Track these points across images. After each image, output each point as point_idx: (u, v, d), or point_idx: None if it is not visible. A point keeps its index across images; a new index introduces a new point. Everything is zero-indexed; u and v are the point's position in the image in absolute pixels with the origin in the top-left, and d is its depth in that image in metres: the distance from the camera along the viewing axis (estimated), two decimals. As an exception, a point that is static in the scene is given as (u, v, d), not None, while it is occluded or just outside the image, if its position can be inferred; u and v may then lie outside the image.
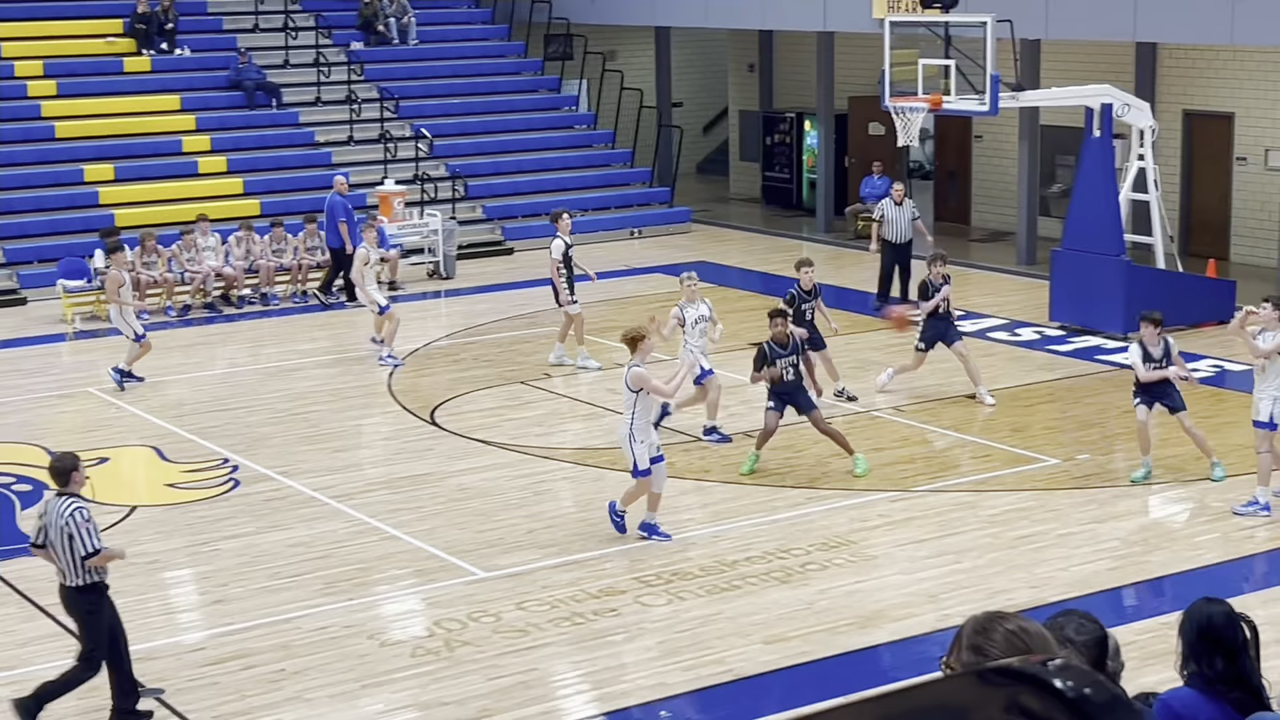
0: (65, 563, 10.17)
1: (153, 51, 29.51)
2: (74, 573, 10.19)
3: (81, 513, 10.12)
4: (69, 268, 23.58)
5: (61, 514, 10.10)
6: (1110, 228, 20.97)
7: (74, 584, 10.23)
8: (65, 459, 10.50)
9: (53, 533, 10.16)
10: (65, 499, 10.22)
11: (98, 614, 10.29)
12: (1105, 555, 13.20)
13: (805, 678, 11.05)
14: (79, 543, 10.08)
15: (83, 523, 10.07)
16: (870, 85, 27.85)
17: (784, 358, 15.29)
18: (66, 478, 10.35)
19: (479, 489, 15.23)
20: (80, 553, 10.09)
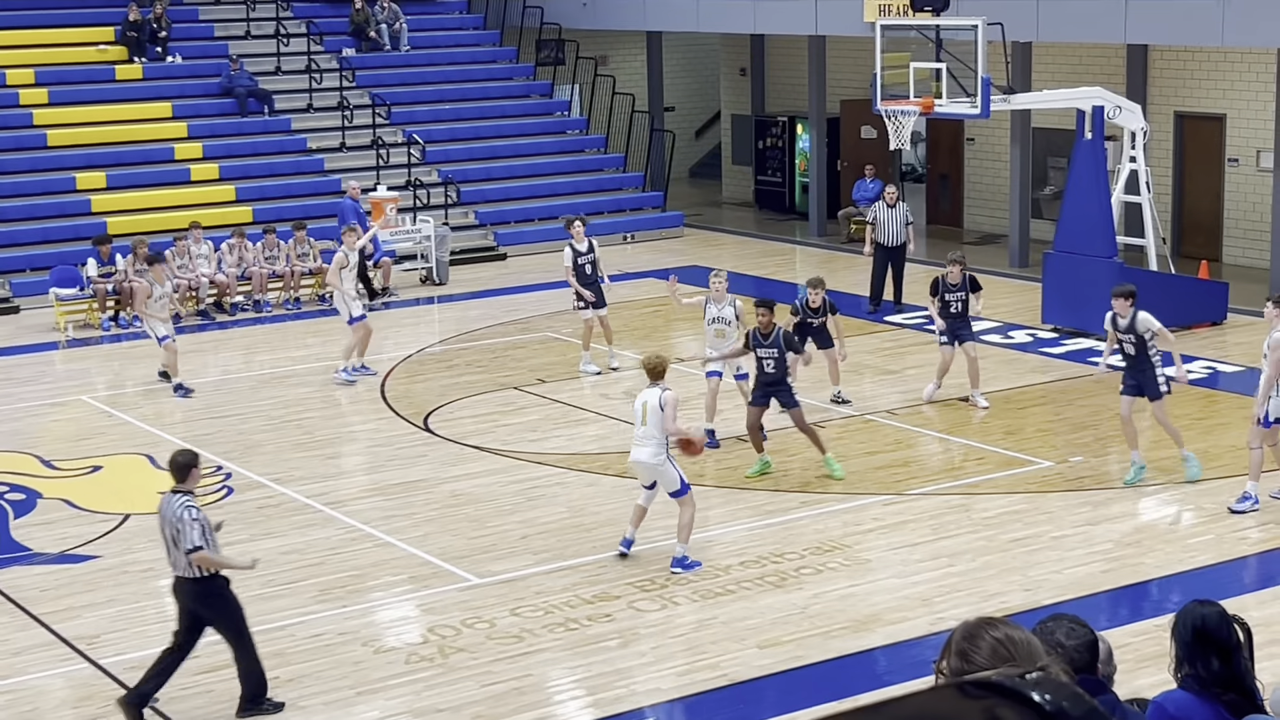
0: (180, 555, 10.41)
1: (145, 59, 29.50)
2: (185, 564, 10.43)
3: (191, 510, 10.42)
4: (62, 276, 23.57)
5: (174, 510, 10.40)
6: (1103, 230, 21.00)
7: (189, 575, 10.44)
8: (186, 455, 10.81)
9: (166, 528, 10.47)
10: (179, 495, 10.52)
11: (223, 597, 10.53)
12: (1099, 558, 13.21)
13: (800, 682, 11.05)
14: (183, 537, 10.33)
15: (190, 520, 10.35)
16: (862, 89, 27.88)
17: (763, 348, 15.24)
18: (186, 473, 10.65)
19: (472, 495, 15.23)
20: (185, 547, 10.33)
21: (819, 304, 17.53)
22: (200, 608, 10.54)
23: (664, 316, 22.78)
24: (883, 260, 22.93)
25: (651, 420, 12.89)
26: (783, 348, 15.30)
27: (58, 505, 15.19)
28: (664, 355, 13.73)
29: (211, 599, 10.54)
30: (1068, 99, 21.84)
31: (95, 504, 15.22)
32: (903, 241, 22.79)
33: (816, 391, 18.60)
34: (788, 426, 17.05)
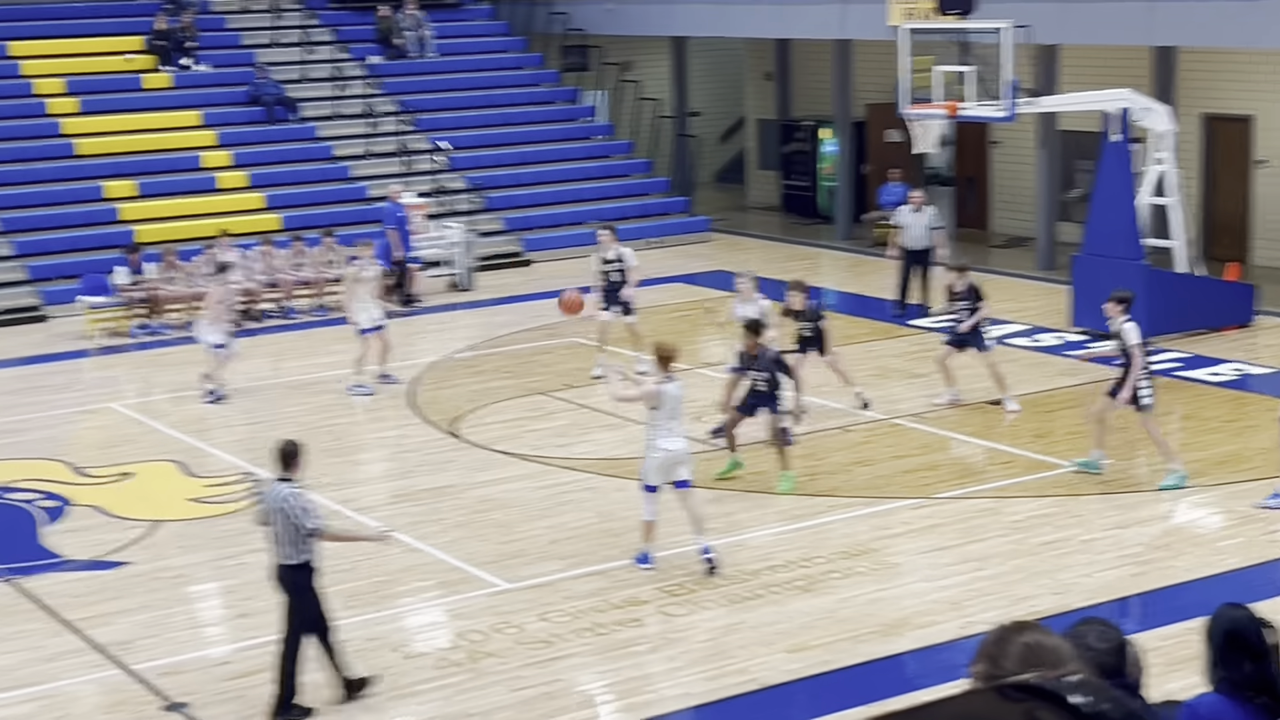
0: (284, 541, 10.63)
1: (172, 68, 29.65)
2: (289, 551, 10.65)
3: (296, 495, 10.69)
4: (91, 284, 23.69)
5: (283, 498, 10.63)
6: (1130, 232, 20.95)
7: (288, 562, 10.67)
8: (291, 444, 11.02)
9: (271, 515, 10.68)
10: (285, 483, 10.77)
11: (307, 591, 10.74)
12: (1129, 561, 13.18)
13: (829, 686, 11.05)
14: (298, 520, 10.59)
15: (296, 503, 10.61)
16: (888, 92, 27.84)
17: (754, 370, 15.15)
18: (291, 461, 10.90)
19: (501, 500, 15.26)
20: (305, 530, 10.60)
21: (800, 308, 17.34)
22: (290, 590, 10.76)
23: (691, 321, 22.79)
24: (908, 265, 22.91)
25: (679, 413, 13.02)
26: (773, 372, 15.12)
27: (88, 512, 15.28)
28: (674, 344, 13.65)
29: (299, 589, 10.76)
30: (1094, 101, 21.78)
31: (125, 511, 15.29)
32: (929, 245, 22.76)
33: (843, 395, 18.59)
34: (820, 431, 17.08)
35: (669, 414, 12.98)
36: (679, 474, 13.14)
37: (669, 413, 12.98)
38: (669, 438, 13.01)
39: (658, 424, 13.00)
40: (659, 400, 12.92)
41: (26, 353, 22.42)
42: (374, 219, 27.20)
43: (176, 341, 22.87)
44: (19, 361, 21.99)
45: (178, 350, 22.42)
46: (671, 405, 12.98)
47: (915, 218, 22.75)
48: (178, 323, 23.48)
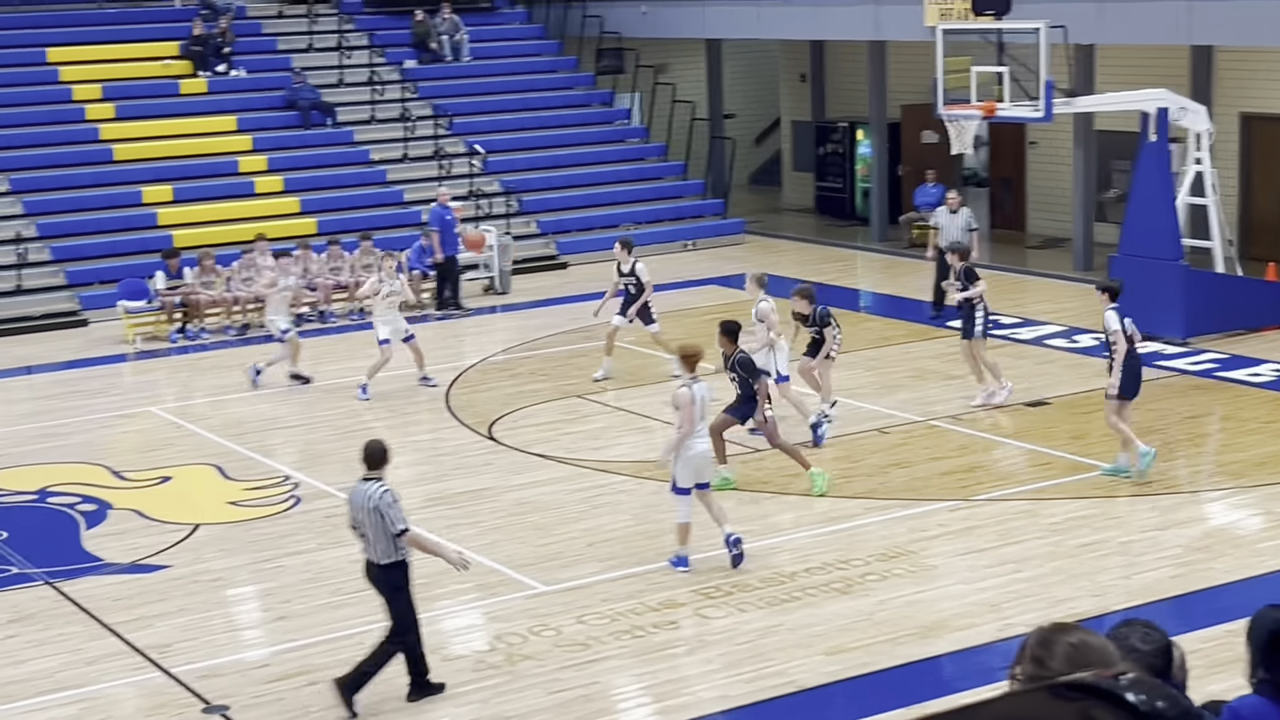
0: (375, 540, 10.75)
1: (209, 73, 29.80)
2: (383, 550, 10.75)
3: (390, 494, 10.79)
4: (129, 289, 23.83)
5: (372, 496, 10.73)
6: (1168, 232, 20.85)
7: (382, 561, 10.77)
8: (380, 444, 11.14)
9: (362, 514, 10.77)
10: (375, 483, 10.85)
11: (404, 590, 10.85)
12: (1168, 563, 13.11)
13: (867, 689, 11.02)
14: (388, 521, 10.68)
15: (391, 504, 10.72)
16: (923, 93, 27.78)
17: (729, 371, 15.00)
18: (380, 461, 11.01)
19: (538, 503, 15.28)
20: (392, 530, 10.68)
21: (806, 313, 17.06)
22: (384, 589, 10.87)
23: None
24: (945, 266, 22.81)
25: (706, 412, 13.08)
26: (740, 374, 14.93)
27: (128, 516, 15.36)
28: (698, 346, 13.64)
29: (394, 587, 10.84)
30: (1131, 101, 21.68)
31: (165, 514, 15.37)
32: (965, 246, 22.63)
33: (879, 397, 18.58)
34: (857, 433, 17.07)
35: (699, 416, 13.00)
36: (704, 475, 13.21)
37: (699, 414, 13.00)
38: (696, 439, 13.04)
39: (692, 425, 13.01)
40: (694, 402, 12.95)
41: (66, 357, 22.57)
42: (411, 222, 27.34)
43: (214, 345, 22.99)
44: (58, 366, 22.14)
45: (216, 354, 22.54)
46: (700, 406, 12.99)
47: (951, 219, 22.68)
48: (215, 327, 23.61)
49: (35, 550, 14.39)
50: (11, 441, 18.30)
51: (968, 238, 22.65)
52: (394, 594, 10.89)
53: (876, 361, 20.40)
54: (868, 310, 24.58)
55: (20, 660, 11.96)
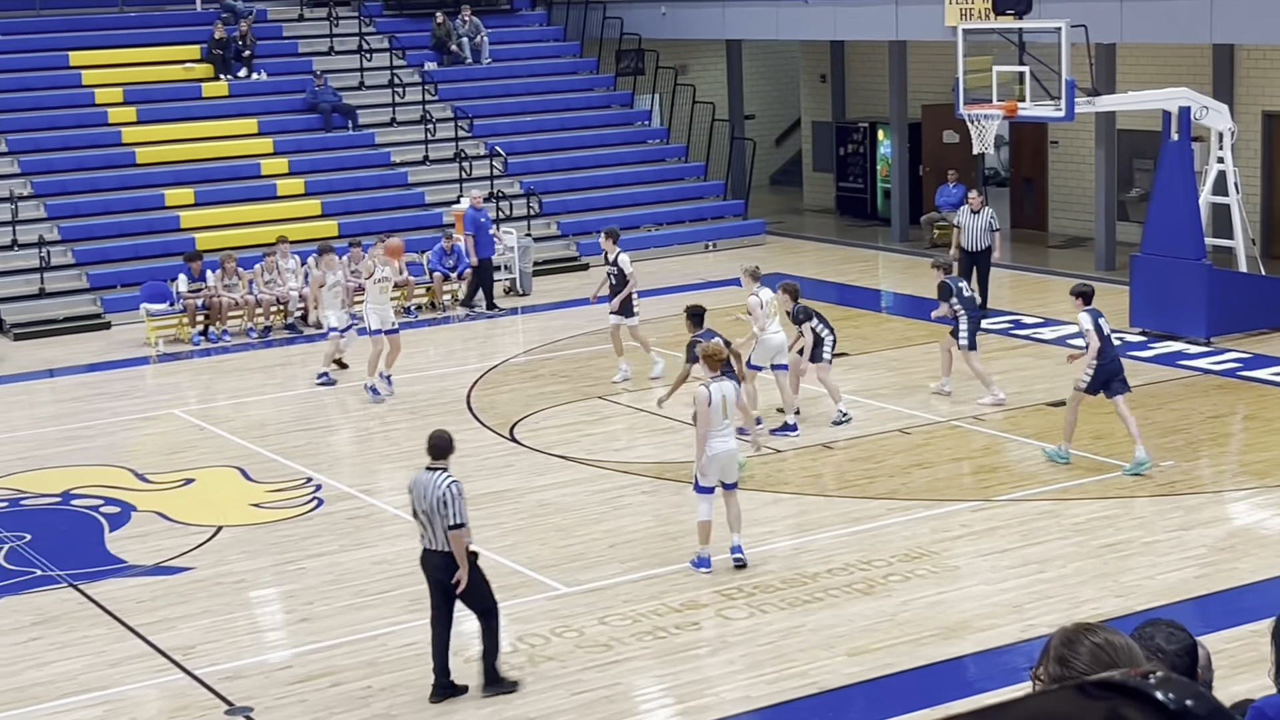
0: (439, 529, 10.86)
1: (230, 76, 29.88)
2: (446, 539, 10.87)
3: (456, 485, 10.92)
4: (152, 291, 23.89)
5: (439, 485, 10.86)
6: (1190, 232, 20.78)
7: (444, 549, 10.89)
8: (445, 436, 11.33)
9: (424, 502, 10.87)
10: (441, 472, 10.99)
11: (471, 572, 10.94)
12: (1192, 562, 13.07)
13: (889, 690, 11.01)
14: (450, 511, 10.80)
15: (456, 495, 10.86)
16: (944, 93, 27.76)
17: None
18: (446, 452, 11.17)
19: (559, 504, 15.28)
20: (449, 521, 10.81)
21: (788, 310, 17.29)
22: (443, 577, 10.95)
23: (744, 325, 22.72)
24: (967, 265, 22.80)
25: (731, 412, 13.07)
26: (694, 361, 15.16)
27: (151, 518, 15.41)
28: (721, 347, 13.73)
29: (451, 576, 10.91)
30: (1153, 100, 21.63)
31: (188, 516, 15.42)
32: (987, 246, 22.66)
33: (901, 397, 18.55)
34: (879, 434, 17.06)
35: (720, 415, 12.99)
36: (728, 475, 13.20)
37: (720, 414, 12.98)
38: (718, 438, 13.03)
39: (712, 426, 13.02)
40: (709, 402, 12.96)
41: (88, 360, 22.65)
42: (432, 224, 27.40)
43: (236, 348, 23.05)
44: (81, 369, 22.22)
45: (238, 356, 22.61)
46: (721, 406, 12.98)
47: (974, 219, 22.67)
48: (237, 329, 23.67)
49: (59, 552, 14.45)
50: (35, 444, 18.38)
51: (991, 238, 22.64)
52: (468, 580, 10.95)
53: (898, 362, 20.37)
54: (889, 311, 24.54)
55: (44, 662, 12.00)
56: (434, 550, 10.98)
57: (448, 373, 21.10)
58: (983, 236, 22.65)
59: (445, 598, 11.05)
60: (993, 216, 22.93)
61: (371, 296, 19.58)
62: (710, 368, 13.19)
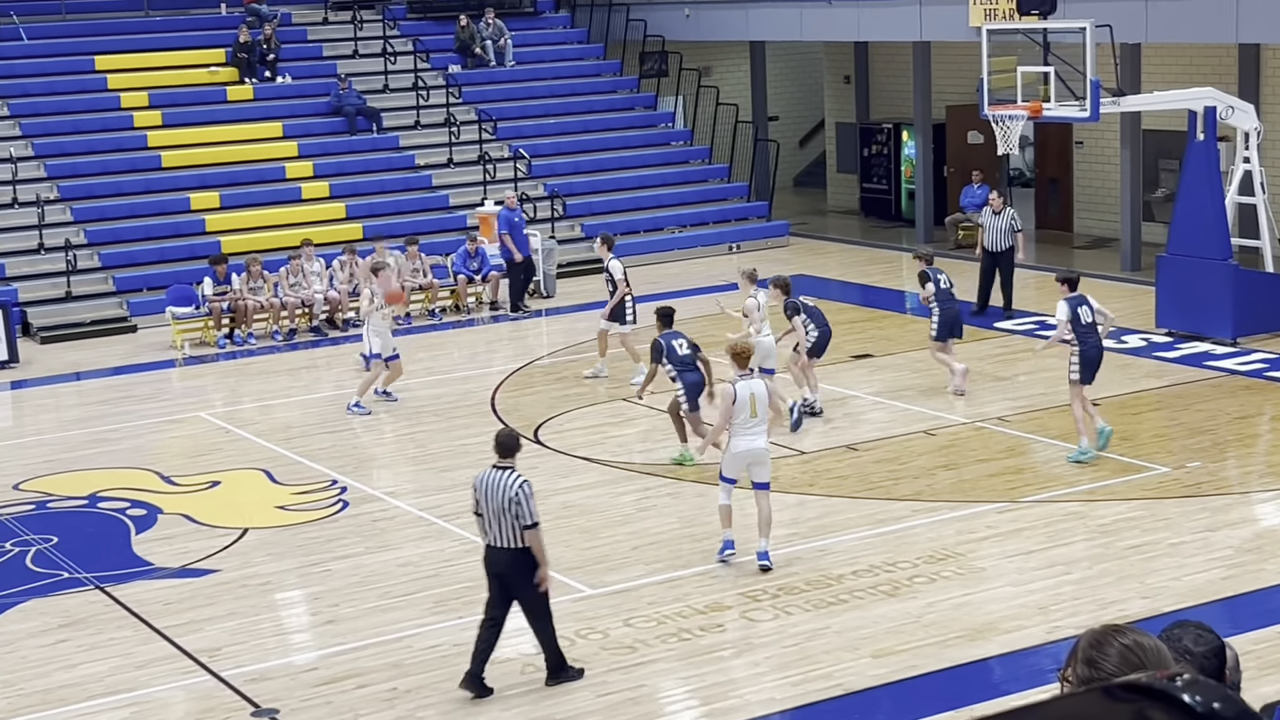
0: (507, 527, 10.92)
1: (255, 80, 29.97)
2: (514, 537, 10.96)
3: (528, 486, 11.02)
4: (177, 295, 23.97)
5: (511, 485, 10.93)
6: (1216, 232, 20.70)
7: (512, 546, 10.97)
8: (513, 434, 11.50)
9: (494, 501, 10.92)
10: (511, 471, 11.05)
11: (529, 576, 11.03)
12: (1219, 564, 13.01)
13: (914, 692, 10.98)
14: (523, 510, 10.88)
15: (529, 495, 10.95)
16: (968, 94, 27.69)
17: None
18: (513, 451, 11.24)
19: (584, 506, 15.29)
20: (524, 521, 10.88)
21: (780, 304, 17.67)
22: (514, 575, 11.00)
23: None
24: (989, 266, 22.78)
25: (761, 410, 13.08)
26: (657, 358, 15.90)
27: (178, 520, 15.46)
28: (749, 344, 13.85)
29: (527, 570, 10.99)
30: (1179, 100, 21.55)
31: (214, 519, 15.47)
32: (1009, 247, 22.63)
33: (926, 399, 18.51)
34: (904, 435, 17.05)
35: (747, 413, 13.03)
36: (757, 474, 13.26)
37: (747, 411, 13.02)
38: (744, 436, 13.10)
39: (735, 423, 13.11)
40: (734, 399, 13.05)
41: (115, 363, 22.73)
42: (456, 227, 27.44)
43: (262, 351, 23.12)
44: (108, 372, 22.30)
45: (263, 359, 22.68)
46: (749, 404, 13.01)
47: (995, 220, 22.64)
48: (262, 332, 23.74)
49: (86, 555, 14.51)
50: (62, 447, 18.46)
51: (1013, 238, 22.60)
52: (526, 576, 11.00)
53: (923, 363, 20.31)
54: (913, 312, 24.49)
55: (71, 664, 12.05)
56: (498, 548, 11.04)
57: (472, 375, 21.13)
58: (1004, 237, 22.61)
59: (504, 596, 11.12)
60: (1014, 217, 22.88)
61: (375, 321, 19.02)
62: (738, 366, 13.23)
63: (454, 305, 25.21)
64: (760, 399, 13.08)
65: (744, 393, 13.05)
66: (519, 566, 11.00)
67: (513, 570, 11.02)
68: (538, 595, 11.09)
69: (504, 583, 11.06)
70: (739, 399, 13.02)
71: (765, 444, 13.26)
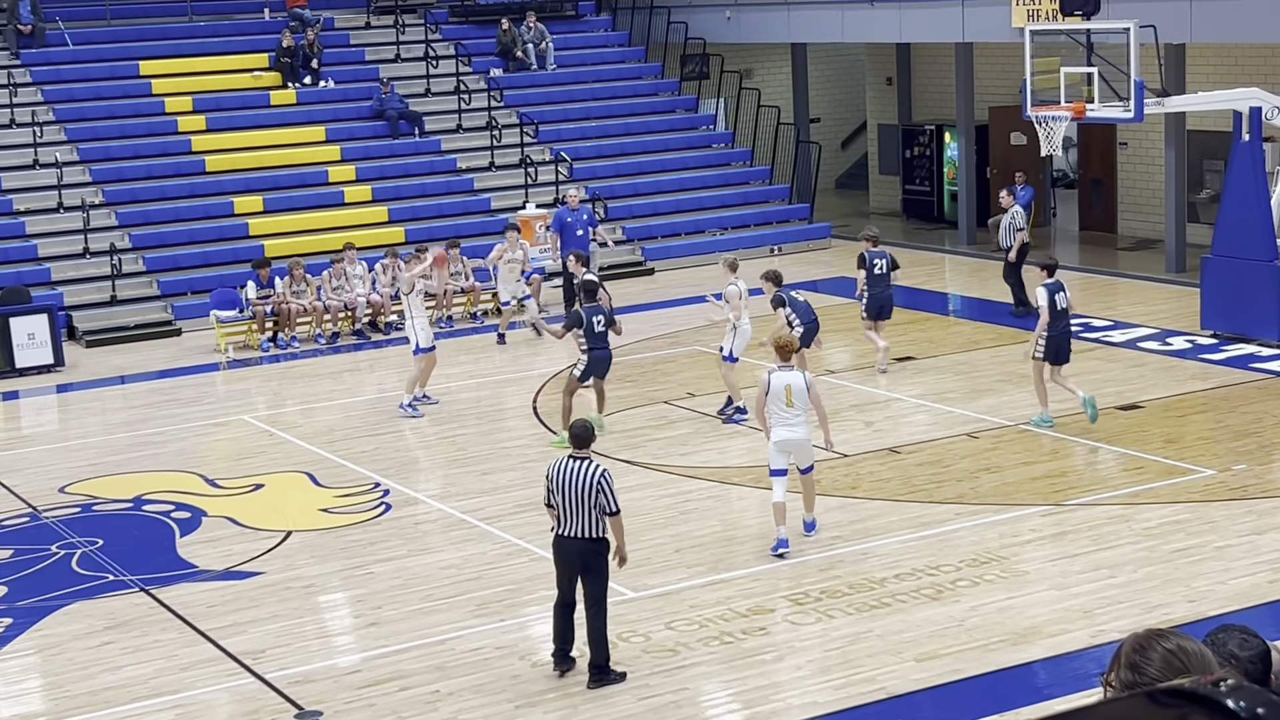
0: (584, 516, 11.17)
1: (298, 84, 30.11)
2: (590, 526, 11.20)
3: (609, 475, 11.28)
4: (221, 298, 24.10)
5: (592, 474, 11.19)
6: (1262, 233, 20.55)
7: (586, 535, 11.22)
8: (587, 425, 11.65)
9: (573, 491, 11.16)
10: (588, 461, 11.32)
11: (605, 559, 11.33)
12: (1265, 567, 12.91)
13: (958, 696, 10.94)
14: (606, 500, 11.14)
15: (610, 483, 11.23)
16: (1011, 95, 27.59)
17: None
18: (589, 442, 11.49)
19: (625, 509, 15.19)
20: (607, 509, 11.16)
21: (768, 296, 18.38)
22: (588, 562, 11.25)
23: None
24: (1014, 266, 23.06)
25: (799, 401, 13.50)
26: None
27: (222, 523, 15.53)
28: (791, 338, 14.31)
29: (599, 558, 11.28)
30: (1224, 100, 21.41)
31: (258, 521, 15.53)
32: (1008, 245, 22.75)
33: (968, 401, 18.44)
34: (947, 438, 17.00)
35: (783, 403, 13.50)
36: (801, 460, 13.78)
37: (783, 402, 13.50)
38: (782, 427, 13.56)
39: (773, 413, 13.60)
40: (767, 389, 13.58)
41: (159, 367, 22.86)
42: (496, 230, 27.47)
43: (305, 354, 23.21)
44: (152, 376, 22.43)
45: (306, 363, 22.77)
46: (784, 395, 13.47)
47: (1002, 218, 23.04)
48: (305, 336, 23.83)
49: (131, 558, 14.59)
50: (107, 450, 18.58)
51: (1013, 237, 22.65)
52: (599, 565, 11.26)
53: (965, 365, 20.25)
54: (956, 314, 24.41)
55: (117, 666, 12.12)
56: (572, 537, 11.24)
57: (513, 378, 21.17)
58: (1008, 235, 22.83)
59: (572, 584, 11.36)
60: (1015, 214, 22.91)
61: (418, 312, 18.95)
62: (780, 358, 13.70)
63: (495, 309, 25.23)
64: (797, 390, 13.52)
65: (779, 383, 13.51)
66: (593, 554, 11.27)
67: (585, 558, 11.27)
68: (604, 585, 11.33)
69: (572, 571, 11.34)
70: (773, 389, 13.50)
71: (806, 434, 13.67)
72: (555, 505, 11.30)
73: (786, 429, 13.52)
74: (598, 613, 11.31)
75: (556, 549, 11.44)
